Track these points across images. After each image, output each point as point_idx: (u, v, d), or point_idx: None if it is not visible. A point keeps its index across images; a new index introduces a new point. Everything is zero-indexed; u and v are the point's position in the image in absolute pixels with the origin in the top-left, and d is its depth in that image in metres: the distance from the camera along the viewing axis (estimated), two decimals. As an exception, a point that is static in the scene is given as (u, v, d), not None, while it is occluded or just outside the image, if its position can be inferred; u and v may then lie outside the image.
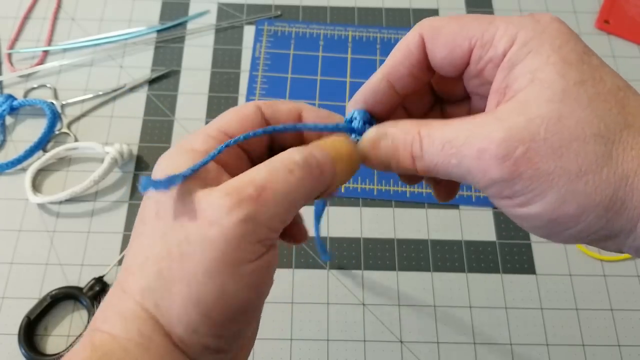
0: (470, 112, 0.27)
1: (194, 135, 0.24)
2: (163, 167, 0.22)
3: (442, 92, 0.28)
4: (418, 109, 0.29)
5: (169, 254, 0.21)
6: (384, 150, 0.24)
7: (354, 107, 0.27)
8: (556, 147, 0.19)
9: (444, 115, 0.29)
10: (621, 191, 0.19)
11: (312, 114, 0.26)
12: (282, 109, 0.25)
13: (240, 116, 0.24)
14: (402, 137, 0.23)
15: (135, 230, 0.23)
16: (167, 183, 0.21)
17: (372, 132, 0.25)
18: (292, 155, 0.22)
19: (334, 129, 0.26)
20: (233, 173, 0.22)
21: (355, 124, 0.26)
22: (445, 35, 0.23)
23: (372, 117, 0.27)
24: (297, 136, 0.26)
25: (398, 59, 0.25)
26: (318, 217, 0.28)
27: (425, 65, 0.25)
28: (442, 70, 0.25)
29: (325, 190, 0.23)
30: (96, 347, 0.20)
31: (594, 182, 0.19)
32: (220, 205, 0.20)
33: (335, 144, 0.24)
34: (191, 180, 0.21)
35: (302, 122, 0.26)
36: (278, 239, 0.23)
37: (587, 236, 0.20)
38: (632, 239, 0.20)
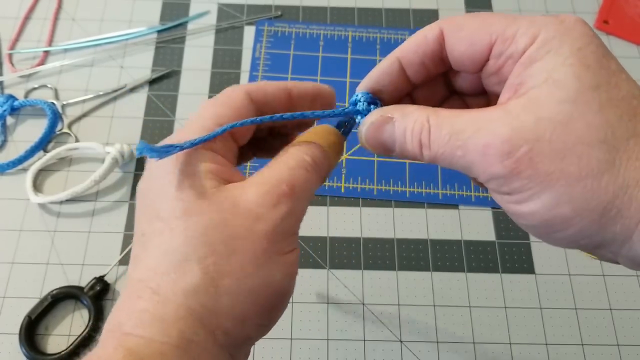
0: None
1: (188, 127, 0.24)
2: (175, 155, 0.23)
3: (459, 88, 0.28)
4: (428, 101, 0.28)
5: (214, 251, 0.21)
6: (388, 135, 0.24)
7: (363, 87, 0.27)
8: (560, 149, 0.19)
9: (464, 105, 0.28)
10: (619, 199, 0.19)
11: (299, 89, 0.26)
12: (268, 89, 0.26)
13: (230, 104, 0.24)
14: (410, 124, 0.23)
15: (149, 227, 0.22)
16: (164, 151, 0.21)
17: (375, 116, 0.25)
18: (302, 156, 0.24)
19: (341, 114, 0.26)
20: (223, 154, 0.23)
21: (360, 106, 0.26)
22: (466, 30, 0.23)
23: (376, 99, 0.26)
24: (287, 104, 0.26)
25: (412, 45, 0.25)
26: None
27: (438, 57, 0.25)
28: (461, 65, 0.25)
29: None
30: (131, 351, 0.20)
31: (592, 187, 0.19)
32: (265, 202, 0.22)
33: (329, 138, 0.25)
34: (213, 177, 0.22)
35: (293, 102, 0.26)
36: None
37: (580, 240, 0.21)
38: (627, 249, 0.20)
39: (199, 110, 0.25)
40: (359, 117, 0.26)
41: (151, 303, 0.21)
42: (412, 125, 0.23)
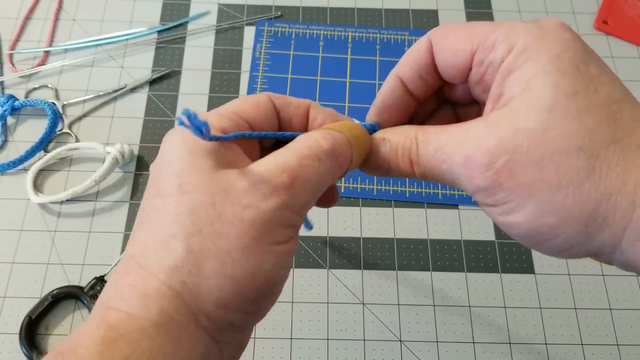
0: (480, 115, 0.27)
1: (206, 114, 0.24)
2: (184, 137, 0.22)
3: (454, 99, 0.28)
4: (423, 113, 0.29)
5: (200, 231, 0.20)
6: (383, 155, 0.25)
7: (374, 112, 0.27)
8: (538, 159, 0.19)
9: (454, 114, 0.29)
10: (602, 207, 0.19)
11: (319, 111, 0.27)
12: (292, 102, 0.26)
13: (253, 102, 0.25)
14: (401, 142, 0.24)
15: (149, 202, 0.22)
16: (202, 126, 0.20)
17: (372, 139, 0.26)
18: (319, 143, 0.23)
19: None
20: (234, 140, 0.23)
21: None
22: (450, 38, 0.24)
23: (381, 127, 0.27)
24: (303, 120, 0.27)
25: (408, 60, 0.26)
26: None
27: (432, 69, 0.25)
28: (447, 75, 0.25)
29: (345, 172, 0.24)
30: (111, 326, 0.20)
31: (574, 196, 0.19)
32: (257, 191, 0.21)
33: (353, 130, 0.25)
34: (216, 158, 0.22)
35: (309, 119, 0.26)
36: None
37: (570, 249, 0.20)
38: (619, 255, 0.20)
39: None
40: None
41: (137, 278, 0.21)
42: (402, 144, 0.24)
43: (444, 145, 0.22)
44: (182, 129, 0.22)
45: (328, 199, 0.29)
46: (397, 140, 0.24)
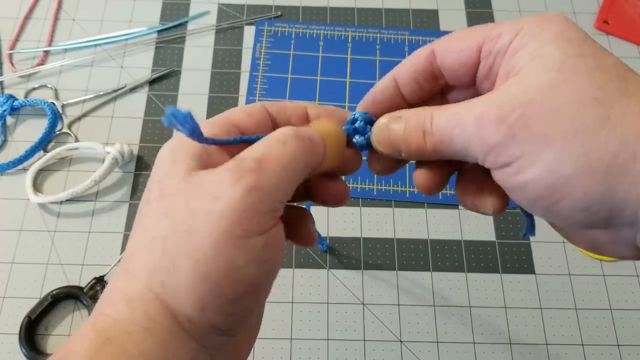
0: None
1: (200, 123, 0.24)
2: (171, 147, 0.23)
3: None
4: None
5: (174, 230, 0.20)
6: (396, 132, 0.25)
7: (361, 105, 0.28)
8: (552, 110, 0.19)
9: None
10: (621, 155, 0.18)
11: (316, 110, 0.27)
12: (288, 106, 0.27)
13: (246, 110, 0.25)
14: (414, 117, 0.24)
15: (140, 212, 0.23)
16: (192, 124, 0.21)
17: (384, 118, 0.26)
18: (283, 130, 0.23)
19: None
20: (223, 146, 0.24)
21: (358, 124, 0.27)
22: (454, 40, 0.25)
23: (374, 119, 0.27)
24: (303, 121, 0.27)
25: (406, 65, 0.26)
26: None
27: (430, 75, 0.26)
28: (454, 75, 0.25)
29: (318, 165, 0.24)
30: (99, 332, 0.20)
31: (591, 142, 0.19)
32: (224, 179, 0.20)
33: (321, 123, 0.26)
34: (195, 163, 0.22)
35: (310, 118, 0.27)
36: (281, 218, 0.23)
37: (587, 209, 0.19)
38: None
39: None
40: (356, 136, 0.27)
41: (124, 283, 0.21)
42: (417, 118, 0.24)
43: (457, 112, 0.22)
44: (175, 139, 0.23)
45: (301, 237, 0.28)
46: (412, 115, 0.24)
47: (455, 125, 0.22)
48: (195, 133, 0.21)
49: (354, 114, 0.27)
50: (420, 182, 0.27)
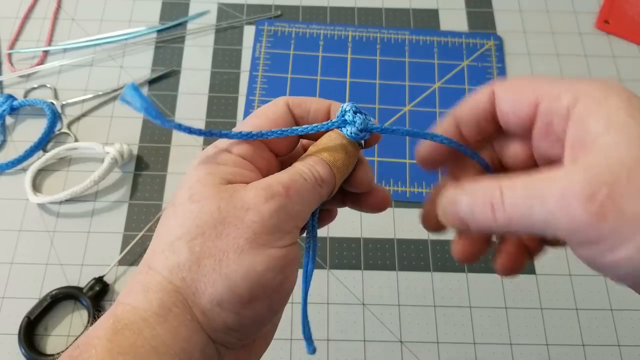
0: None
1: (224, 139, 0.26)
2: (207, 157, 0.25)
3: (507, 160, 0.28)
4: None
5: (203, 234, 0.22)
6: (462, 206, 0.24)
7: (423, 156, 0.29)
8: (639, 188, 0.19)
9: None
10: None
11: (336, 108, 0.28)
12: (311, 109, 0.28)
13: (270, 116, 0.26)
14: (481, 191, 0.23)
15: (166, 213, 0.25)
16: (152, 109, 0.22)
17: (449, 191, 0.25)
18: (302, 168, 0.25)
19: (328, 127, 0.27)
20: (265, 174, 0.26)
21: (348, 116, 0.27)
22: (514, 87, 0.25)
23: (360, 109, 0.27)
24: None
25: (468, 104, 0.27)
26: (307, 282, 0.28)
27: (491, 116, 0.26)
28: (509, 123, 0.25)
29: (331, 192, 0.26)
30: (118, 318, 0.22)
31: None
32: (258, 195, 0.23)
33: (336, 154, 0.26)
34: (227, 176, 0.24)
35: (329, 117, 0.28)
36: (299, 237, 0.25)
37: None
38: None
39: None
40: (348, 127, 0.27)
41: (144, 276, 0.23)
42: (484, 191, 0.23)
43: (534, 185, 0.21)
44: (210, 149, 0.26)
45: (325, 219, 0.31)
46: (478, 189, 0.23)
47: (533, 198, 0.21)
48: (150, 113, 0.22)
49: (344, 106, 0.27)
50: (459, 252, 0.28)
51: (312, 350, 0.29)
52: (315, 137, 0.28)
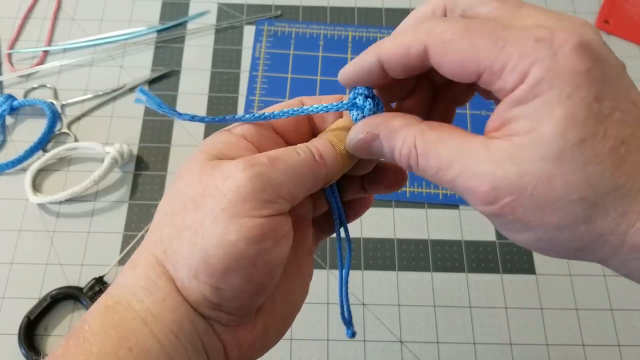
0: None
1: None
2: (205, 141, 0.26)
3: (438, 80, 0.28)
4: (399, 92, 0.28)
5: (185, 207, 0.23)
6: (376, 150, 0.25)
7: (344, 82, 0.27)
8: (540, 203, 0.20)
9: (435, 90, 0.28)
10: (592, 243, 0.21)
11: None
12: (324, 100, 0.28)
13: (282, 106, 0.27)
14: (398, 145, 0.24)
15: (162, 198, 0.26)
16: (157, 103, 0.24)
17: (361, 132, 0.25)
18: (301, 145, 0.25)
19: (337, 109, 0.27)
20: (254, 141, 0.26)
21: (359, 100, 0.26)
22: (453, 53, 0.22)
23: (374, 95, 0.27)
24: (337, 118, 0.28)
25: (394, 53, 0.24)
26: (344, 275, 0.29)
27: (420, 68, 0.24)
28: (451, 76, 0.24)
29: (330, 177, 0.26)
30: (110, 296, 0.23)
31: (569, 234, 0.21)
32: (237, 165, 0.23)
33: (343, 134, 0.26)
34: (219, 153, 0.24)
35: (341, 115, 0.28)
36: (289, 216, 0.24)
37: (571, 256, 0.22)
38: (615, 265, 0.22)
39: None
40: (357, 111, 0.26)
41: (135, 255, 0.24)
42: (400, 148, 0.24)
43: (446, 167, 0.22)
44: (215, 133, 0.26)
45: (359, 208, 0.32)
46: (393, 141, 0.24)
47: (444, 182, 0.23)
48: (164, 109, 0.24)
49: (356, 89, 0.26)
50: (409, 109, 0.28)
51: (350, 334, 0.31)
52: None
